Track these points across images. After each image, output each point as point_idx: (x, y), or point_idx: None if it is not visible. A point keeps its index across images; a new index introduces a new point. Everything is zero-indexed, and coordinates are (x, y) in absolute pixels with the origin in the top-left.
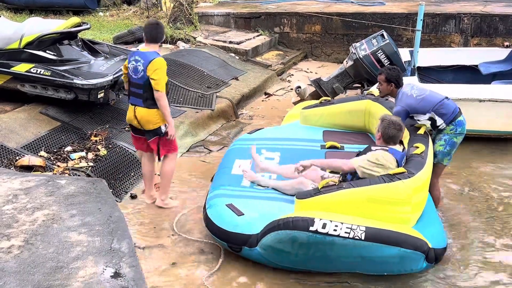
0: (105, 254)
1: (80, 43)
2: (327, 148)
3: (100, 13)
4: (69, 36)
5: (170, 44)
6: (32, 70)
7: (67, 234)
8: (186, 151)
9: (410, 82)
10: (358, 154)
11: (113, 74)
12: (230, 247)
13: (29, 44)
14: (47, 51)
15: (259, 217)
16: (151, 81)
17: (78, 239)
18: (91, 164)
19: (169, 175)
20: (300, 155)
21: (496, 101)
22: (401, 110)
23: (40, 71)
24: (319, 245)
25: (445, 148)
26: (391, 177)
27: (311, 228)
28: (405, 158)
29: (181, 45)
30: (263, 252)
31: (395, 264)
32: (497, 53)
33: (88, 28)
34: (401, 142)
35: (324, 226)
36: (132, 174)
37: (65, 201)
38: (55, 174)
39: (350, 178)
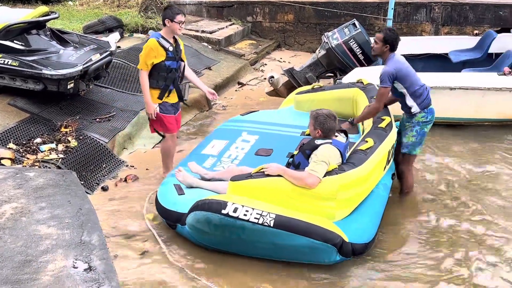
0: (75, 247)
1: (48, 33)
2: (306, 135)
3: (70, 3)
4: (37, 25)
5: (141, 33)
6: None
7: (36, 227)
8: (159, 142)
9: None
10: (302, 145)
11: (83, 64)
12: (168, 223)
13: None
14: (14, 41)
15: (197, 197)
16: None
17: (47, 232)
18: (61, 156)
19: (163, 152)
20: (277, 140)
21: (467, 88)
22: (389, 71)
23: (8, 61)
24: (231, 228)
25: (417, 138)
26: None
27: (223, 211)
28: (348, 149)
29: None
30: (190, 231)
31: (306, 254)
32: (467, 41)
33: (56, 18)
34: (344, 132)
35: (235, 210)
36: (104, 165)
37: (34, 193)
38: (25, 166)
39: (299, 162)
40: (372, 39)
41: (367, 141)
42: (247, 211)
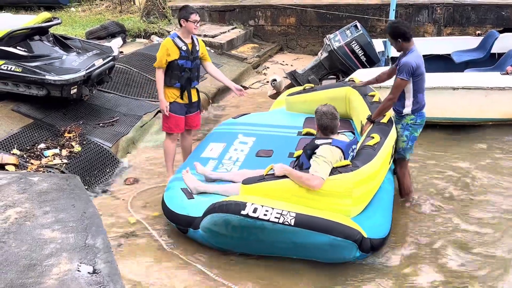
0: (79, 251)
1: (51, 39)
2: (303, 135)
3: (72, 9)
4: (40, 31)
5: (144, 38)
6: (2, 66)
7: (40, 231)
8: None
9: None
10: (305, 147)
11: (86, 70)
12: (178, 228)
13: None
14: (17, 47)
15: (207, 200)
16: None
17: (52, 236)
18: (65, 161)
19: (164, 151)
20: (274, 141)
21: (470, 88)
22: (411, 64)
23: (11, 67)
24: (251, 228)
25: (407, 144)
26: (333, 170)
27: (242, 212)
28: (356, 146)
29: (155, 39)
30: (204, 234)
31: (327, 252)
32: (469, 42)
33: (59, 23)
34: (352, 132)
35: (255, 210)
36: (107, 170)
37: (38, 198)
38: (29, 171)
39: (302, 162)
40: (373, 41)
41: (373, 137)
42: (267, 211)
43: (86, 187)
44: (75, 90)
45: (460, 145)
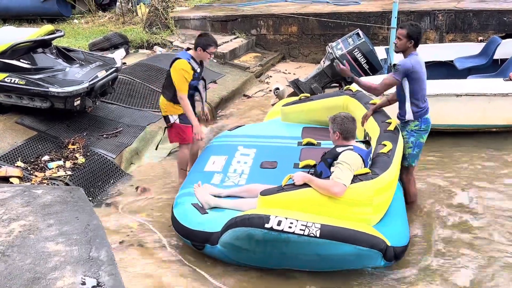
0: (83, 263)
1: (54, 51)
2: (304, 145)
3: (75, 21)
4: (43, 44)
5: (146, 49)
6: (6, 79)
7: (44, 244)
8: (168, 155)
9: None
10: (324, 154)
11: (89, 81)
12: (194, 245)
13: (2, 54)
14: (21, 60)
15: (222, 215)
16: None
17: (56, 249)
18: (69, 172)
19: (179, 162)
20: (276, 152)
21: (473, 95)
22: (407, 66)
23: (15, 80)
24: (275, 242)
25: (414, 150)
26: (354, 178)
27: (266, 225)
28: (371, 156)
29: (158, 49)
30: (224, 250)
31: (352, 262)
32: (471, 48)
33: (62, 36)
34: (368, 143)
35: (279, 223)
36: (111, 181)
37: (42, 211)
38: (33, 184)
39: (321, 171)
40: (376, 49)
41: (385, 144)
42: (291, 223)
43: (90, 198)
44: (78, 102)
45: (463, 152)
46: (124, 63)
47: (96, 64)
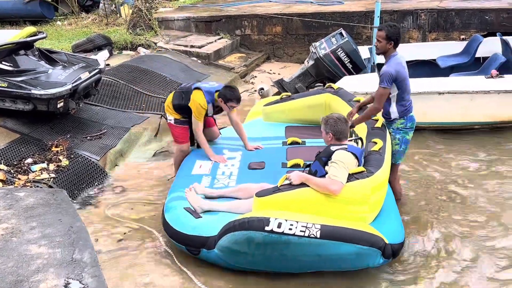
0: (66, 266)
1: (37, 53)
2: (289, 144)
3: (58, 22)
4: (25, 46)
5: (130, 50)
6: None
7: (26, 247)
8: (152, 156)
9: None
10: (319, 153)
11: (72, 83)
12: (189, 250)
13: None
14: (2, 62)
15: (217, 218)
16: None
17: (39, 251)
18: (53, 175)
19: (173, 162)
20: (262, 153)
21: (455, 93)
22: (390, 72)
23: None
24: (275, 244)
25: (401, 147)
26: (349, 177)
27: (266, 228)
28: (363, 154)
29: (142, 51)
30: (221, 254)
31: (352, 261)
32: (454, 47)
33: (44, 38)
34: (361, 140)
35: (279, 225)
36: (95, 183)
37: (24, 213)
38: (16, 187)
39: (316, 170)
40: (359, 48)
41: (376, 142)
42: (291, 225)
43: (74, 201)
44: (61, 104)
45: (447, 149)
46: (108, 65)
47: (79, 66)
